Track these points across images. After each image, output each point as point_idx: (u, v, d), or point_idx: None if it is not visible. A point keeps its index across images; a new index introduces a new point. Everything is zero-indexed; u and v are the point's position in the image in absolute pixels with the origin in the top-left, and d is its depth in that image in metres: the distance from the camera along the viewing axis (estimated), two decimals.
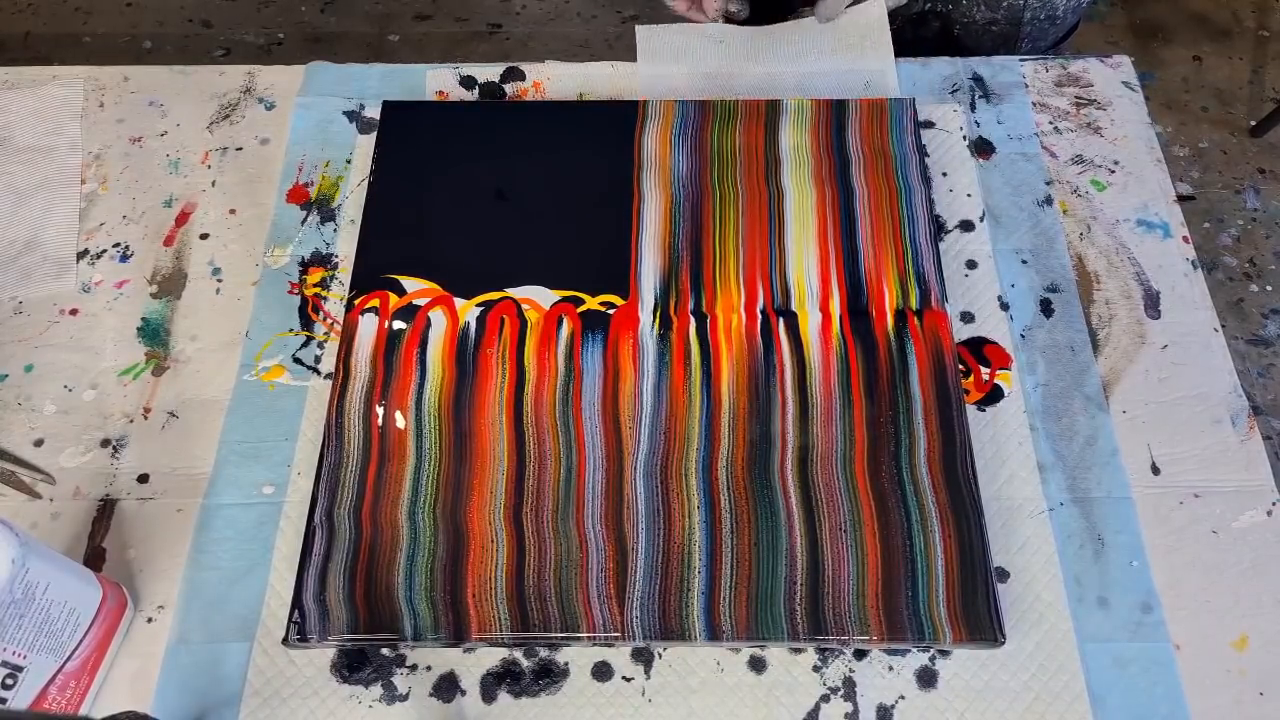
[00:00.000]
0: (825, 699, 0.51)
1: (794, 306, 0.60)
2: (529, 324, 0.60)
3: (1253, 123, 1.67)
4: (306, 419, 0.59)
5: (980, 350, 0.61)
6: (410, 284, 0.62)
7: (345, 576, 0.52)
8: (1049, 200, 0.67)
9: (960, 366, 0.59)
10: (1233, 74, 1.76)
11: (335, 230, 0.66)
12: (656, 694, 0.51)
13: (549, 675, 0.51)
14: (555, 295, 0.61)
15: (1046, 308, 0.63)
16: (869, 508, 0.54)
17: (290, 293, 0.63)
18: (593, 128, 0.68)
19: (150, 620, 0.53)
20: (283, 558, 0.54)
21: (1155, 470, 0.57)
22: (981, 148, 0.69)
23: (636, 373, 0.58)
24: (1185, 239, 0.66)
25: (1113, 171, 0.69)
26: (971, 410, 0.59)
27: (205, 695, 0.51)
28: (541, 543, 0.53)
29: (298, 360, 0.61)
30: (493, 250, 0.63)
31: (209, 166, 0.69)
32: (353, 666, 0.51)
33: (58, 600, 0.46)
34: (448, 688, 0.51)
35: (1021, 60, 0.74)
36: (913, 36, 0.83)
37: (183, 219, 0.67)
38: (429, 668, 0.52)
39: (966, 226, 0.66)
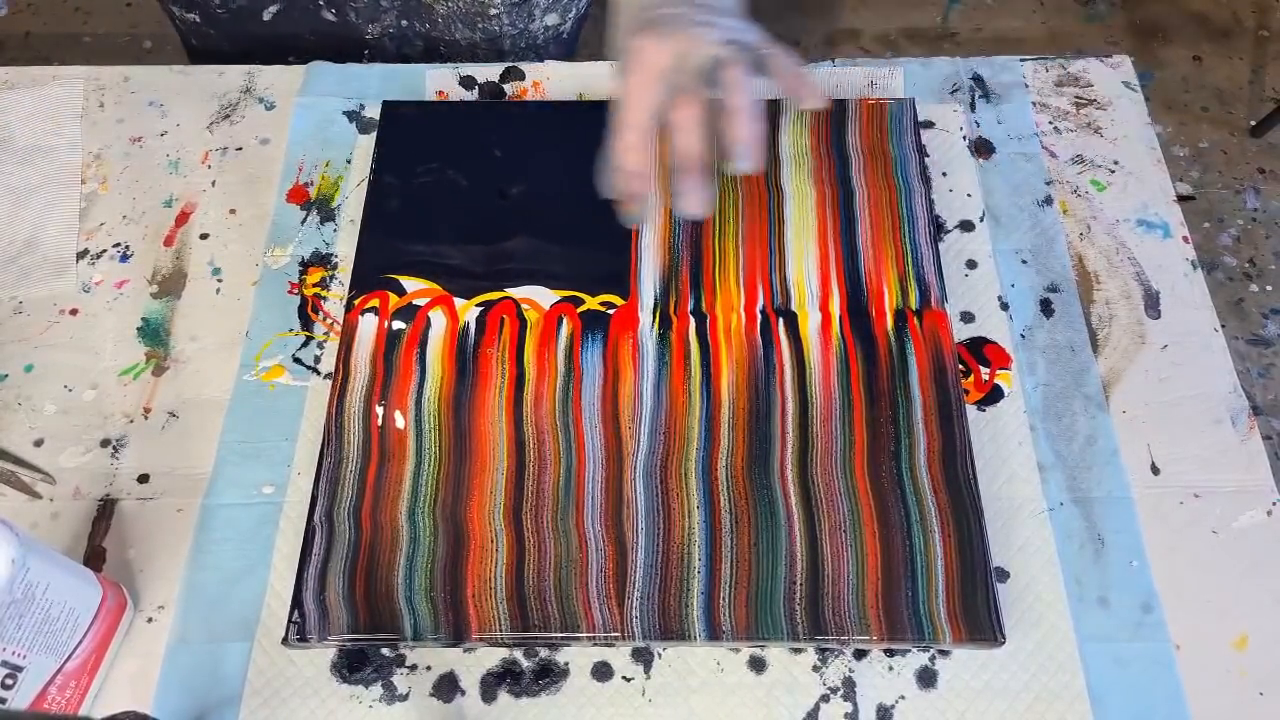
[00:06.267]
0: (825, 699, 0.51)
1: (794, 306, 0.60)
2: (529, 324, 0.60)
3: (1253, 123, 1.67)
4: (306, 419, 0.59)
5: (980, 350, 0.61)
6: (410, 284, 0.62)
7: (345, 576, 0.52)
8: (1049, 200, 0.67)
9: (960, 366, 0.59)
10: (1233, 74, 1.76)
11: (335, 230, 0.66)
12: (656, 694, 0.51)
13: (549, 675, 0.51)
14: (555, 295, 0.61)
15: (1046, 308, 0.63)
16: (869, 508, 0.54)
17: (290, 293, 0.63)
18: (593, 128, 0.68)
19: (150, 620, 0.53)
20: (283, 558, 0.54)
21: (1155, 470, 0.57)
22: (981, 148, 0.69)
23: (636, 373, 0.58)
24: (1185, 239, 0.66)
25: (1113, 171, 0.69)
26: (971, 410, 0.59)
27: (205, 695, 0.51)
28: (541, 543, 0.53)
29: (297, 360, 0.61)
30: (493, 250, 0.63)
31: (209, 166, 0.69)
32: (353, 666, 0.51)
33: (58, 600, 0.46)
34: (448, 688, 0.51)
35: (1021, 60, 0.74)
36: (396, 54, 0.82)
37: (183, 219, 0.67)
38: (429, 668, 0.52)
39: (966, 226, 0.66)
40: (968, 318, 0.62)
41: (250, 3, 0.79)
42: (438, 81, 0.73)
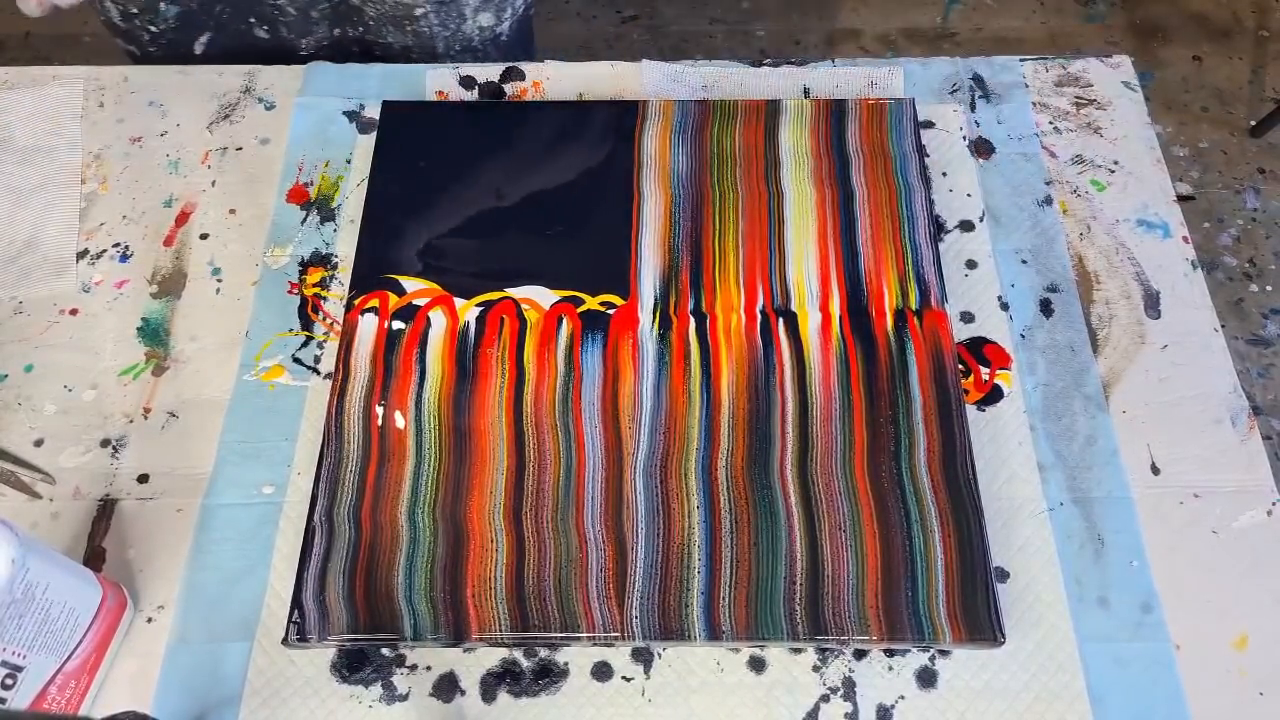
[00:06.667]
0: (825, 699, 0.51)
1: (794, 306, 0.60)
2: (529, 324, 0.60)
3: (1253, 123, 1.67)
4: (306, 419, 0.59)
5: (980, 350, 0.61)
6: (410, 284, 0.62)
7: (345, 576, 0.52)
8: (1049, 200, 0.67)
9: (960, 366, 0.59)
10: (1233, 74, 1.76)
11: (335, 230, 0.66)
12: (656, 694, 0.51)
13: (549, 675, 0.51)
14: (555, 295, 0.61)
15: (1046, 308, 0.63)
16: (869, 508, 0.54)
17: (290, 293, 0.63)
18: (593, 128, 0.68)
19: (150, 620, 0.53)
20: (283, 558, 0.54)
21: (1155, 470, 0.57)
22: (981, 148, 0.69)
23: (636, 373, 0.58)
24: (1185, 239, 0.66)
25: (1113, 171, 0.69)
26: (971, 410, 0.59)
27: (205, 695, 0.51)
28: (541, 543, 0.53)
29: (297, 360, 0.61)
30: (493, 250, 0.63)
31: (209, 166, 0.69)
32: (353, 666, 0.51)
33: (58, 600, 0.46)
34: (448, 688, 0.51)
35: (1021, 60, 0.74)
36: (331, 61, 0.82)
37: (183, 219, 0.67)
38: (429, 668, 0.52)
39: (966, 226, 0.66)
40: (968, 318, 0.62)
41: (181, 35, 0.79)
42: (438, 81, 0.73)
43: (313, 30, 0.79)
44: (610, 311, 0.60)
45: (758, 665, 0.52)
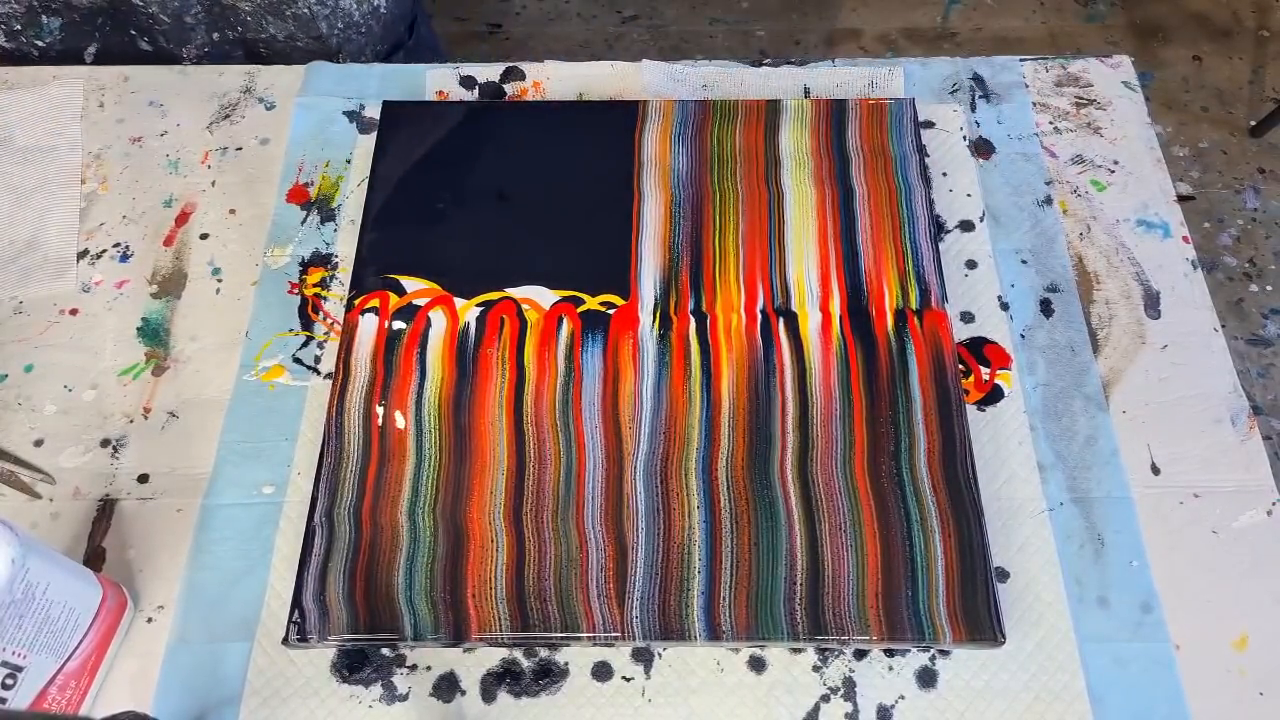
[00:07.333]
0: (825, 699, 0.51)
1: (794, 306, 0.60)
2: (529, 324, 0.60)
3: (1253, 123, 1.67)
4: (306, 419, 0.59)
5: (980, 350, 0.61)
6: (410, 284, 0.62)
7: (345, 576, 0.52)
8: (1049, 200, 0.67)
9: (960, 366, 0.59)
10: (1233, 74, 1.76)
11: (335, 230, 0.66)
12: (656, 694, 0.51)
13: (549, 675, 0.51)
14: (555, 295, 0.61)
15: (1046, 308, 0.63)
16: (869, 508, 0.54)
17: (290, 293, 0.63)
18: (593, 128, 0.68)
19: (150, 620, 0.53)
20: (283, 558, 0.54)
21: (1155, 470, 0.57)
22: (981, 148, 0.69)
23: (636, 373, 0.58)
24: (1185, 239, 0.66)
25: (1113, 171, 0.69)
26: (971, 410, 0.59)
27: (205, 695, 0.51)
28: (541, 543, 0.53)
29: (298, 360, 0.61)
30: (493, 250, 0.63)
31: (209, 166, 0.69)
32: (353, 666, 0.51)
33: (58, 600, 0.46)
34: (448, 688, 0.51)
35: (1021, 60, 0.74)
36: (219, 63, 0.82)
37: (183, 219, 0.67)
38: (429, 668, 0.52)
39: (966, 226, 0.66)
40: (968, 318, 0.62)
41: (69, 46, 0.79)
42: (438, 81, 0.73)
43: (190, 37, 0.80)
44: (610, 311, 0.60)
45: (758, 665, 0.52)
